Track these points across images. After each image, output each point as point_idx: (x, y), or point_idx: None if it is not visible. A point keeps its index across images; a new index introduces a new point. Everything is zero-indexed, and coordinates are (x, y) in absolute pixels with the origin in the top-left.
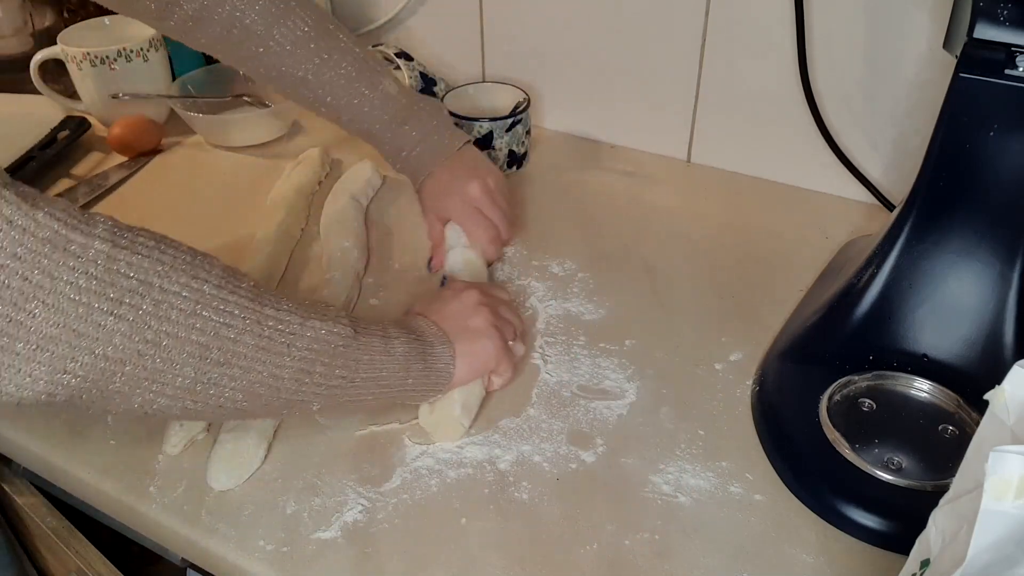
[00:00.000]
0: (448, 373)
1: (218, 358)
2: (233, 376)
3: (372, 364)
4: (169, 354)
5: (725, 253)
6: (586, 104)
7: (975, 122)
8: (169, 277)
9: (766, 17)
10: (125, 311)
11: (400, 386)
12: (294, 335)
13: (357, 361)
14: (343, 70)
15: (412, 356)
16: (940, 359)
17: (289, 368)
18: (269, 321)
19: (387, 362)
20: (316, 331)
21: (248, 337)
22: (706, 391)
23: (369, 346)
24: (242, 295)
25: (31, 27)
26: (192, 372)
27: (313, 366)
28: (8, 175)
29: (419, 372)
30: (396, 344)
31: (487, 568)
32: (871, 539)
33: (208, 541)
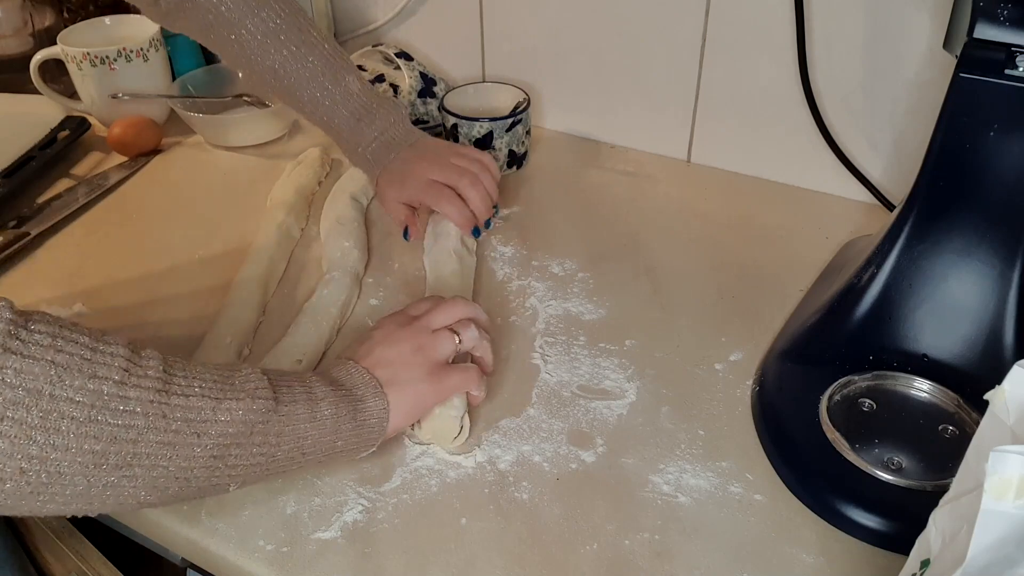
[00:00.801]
0: (381, 428)
1: (116, 462)
2: (134, 476)
3: (295, 434)
4: (58, 467)
5: (725, 253)
6: (586, 104)
7: (975, 122)
8: (62, 382)
9: (766, 17)
10: (7, 427)
11: (328, 449)
12: (206, 423)
13: (279, 436)
14: (310, 63)
15: (341, 417)
16: (940, 359)
17: (200, 458)
18: (177, 412)
19: (312, 429)
20: (232, 413)
21: (152, 435)
22: (706, 391)
23: (292, 416)
24: (146, 387)
25: (31, 27)
26: (84, 481)
27: (227, 451)
28: None
29: (349, 432)
30: (323, 407)
31: (487, 568)
32: (871, 539)
33: (208, 541)
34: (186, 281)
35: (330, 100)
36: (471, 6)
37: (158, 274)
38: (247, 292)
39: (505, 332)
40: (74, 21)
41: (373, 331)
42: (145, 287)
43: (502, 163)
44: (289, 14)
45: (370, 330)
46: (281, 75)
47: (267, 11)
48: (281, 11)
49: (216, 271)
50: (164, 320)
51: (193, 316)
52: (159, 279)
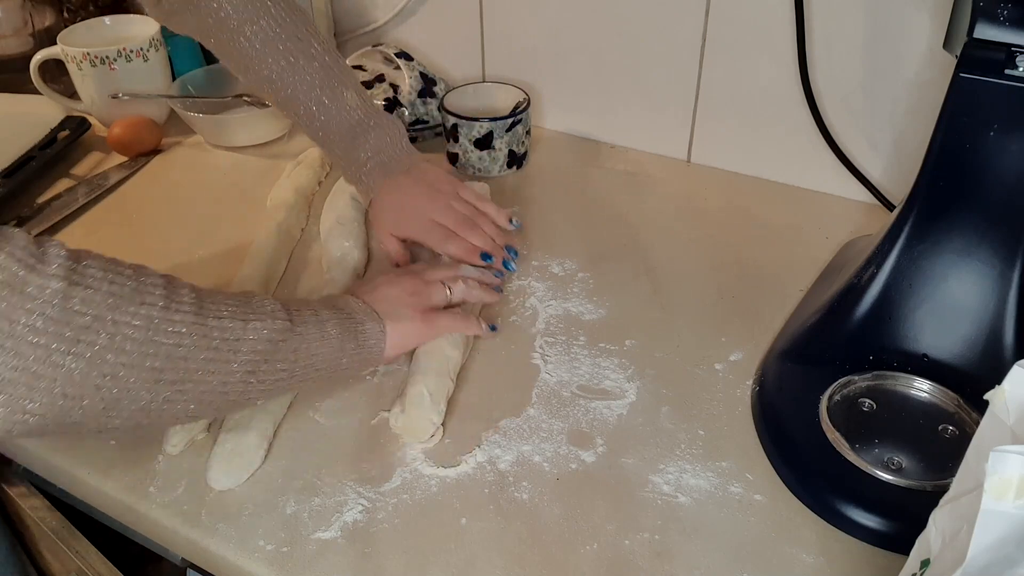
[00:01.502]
0: (379, 349)
1: (172, 378)
2: (185, 391)
3: (309, 352)
4: (126, 383)
5: (725, 253)
6: (586, 104)
7: (975, 122)
8: (120, 308)
9: (766, 17)
10: (82, 349)
11: (335, 367)
12: (239, 340)
13: (296, 351)
14: (307, 75)
15: (345, 336)
16: (940, 359)
17: (237, 373)
18: (215, 332)
19: (322, 346)
20: (258, 332)
21: (198, 352)
22: (706, 391)
23: (305, 335)
24: (186, 311)
25: (31, 27)
26: (148, 395)
27: (258, 366)
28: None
29: (352, 351)
30: (329, 327)
31: (487, 568)
32: (871, 539)
33: (208, 541)
34: (186, 280)
35: (325, 114)
36: (471, 6)
37: None
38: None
39: (505, 332)
40: (74, 21)
41: (374, 276)
42: None
43: (502, 163)
44: (290, 23)
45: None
46: (278, 85)
47: (267, 19)
48: (282, 19)
49: (216, 271)
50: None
51: None
52: None
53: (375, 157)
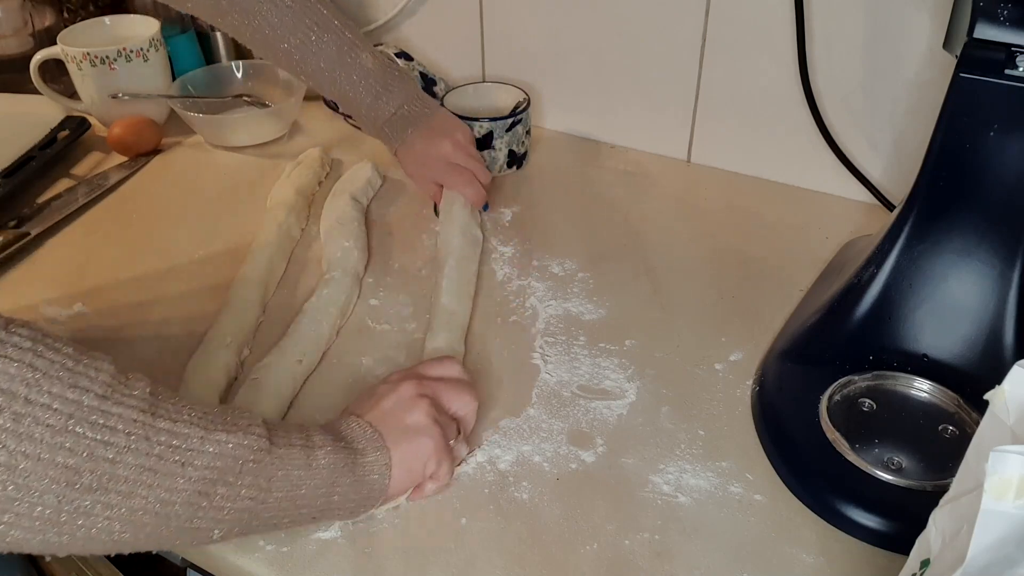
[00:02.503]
0: (382, 485)
1: (90, 483)
2: (109, 503)
3: (289, 480)
4: (26, 480)
5: (725, 253)
6: (586, 104)
7: (975, 122)
8: (39, 386)
9: (766, 17)
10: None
11: (324, 504)
12: (192, 451)
13: (270, 479)
14: (324, 44)
15: (339, 468)
16: (940, 359)
17: (183, 492)
18: (161, 436)
19: (308, 477)
20: (221, 445)
21: (131, 457)
22: (706, 391)
23: (287, 459)
24: (130, 405)
25: (31, 27)
26: (55, 500)
27: (214, 487)
28: None
29: (347, 486)
30: (320, 455)
31: (487, 568)
32: (871, 539)
33: None
34: (186, 281)
35: (346, 79)
36: (471, 6)
37: (158, 274)
38: (247, 292)
39: (505, 332)
40: (74, 21)
41: (379, 385)
42: (145, 287)
43: (502, 163)
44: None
45: (377, 384)
46: (297, 58)
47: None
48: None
49: (216, 271)
50: (164, 320)
51: (193, 316)
52: (159, 279)
53: (397, 112)
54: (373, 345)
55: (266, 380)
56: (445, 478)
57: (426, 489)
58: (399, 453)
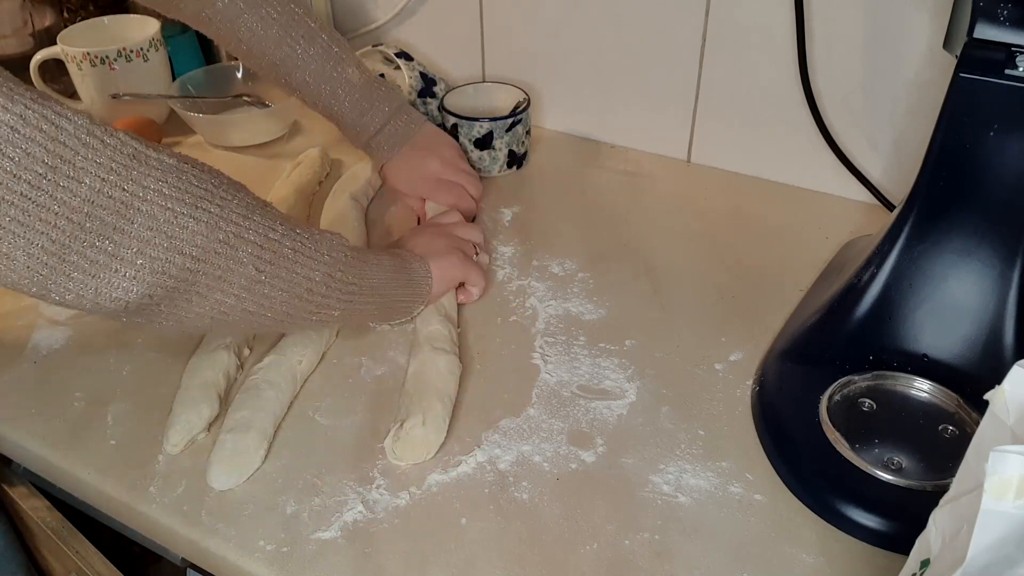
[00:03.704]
0: (428, 283)
1: (270, 258)
2: (281, 276)
3: (372, 274)
4: (236, 252)
5: (725, 253)
6: (586, 104)
7: (975, 122)
8: (223, 187)
9: (766, 17)
10: (201, 214)
11: (392, 295)
12: (316, 243)
13: (362, 270)
14: (310, 57)
15: (397, 268)
16: (940, 359)
17: (319, 272)
18: (297, 230)
19: (381, 272)
20: (330, 242)
21: (287, 241)
22: (706, 391)
23: (364, 260)
24: (270, 208)
25: (31, 27)
26: (253, 270)
27: (334, 270)
28: None
29: (405, 282)
30: (384, 259)
31: (487, 568)
32: (871, 539)
33: (208, 541)
34: None
35: (331, 94)
36: (471, 6)
37: None
38: None
39: (505, 332)
40: (74, 21)
41: (408, 234)
42: None
43: (502, 163)
44: (285, 4)
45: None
46: (282, 69)
47: (267, 7)
48: (279, 4)
49: None
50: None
51: None
52: None
53: (383, 129)
54: (373, 345)
55: (266, 380)
56: (480, 281)
57: (472, 293)
58: (434, 264)
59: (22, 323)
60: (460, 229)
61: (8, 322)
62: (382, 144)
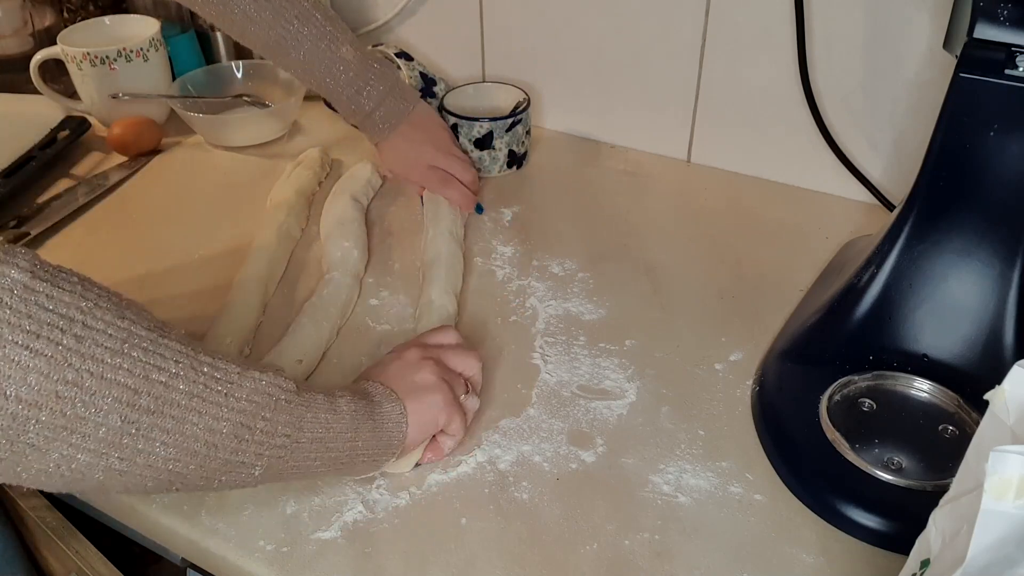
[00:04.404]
0: (400, 432)
1: (148, 405)
2: (165, 428)
3: (318, 422)
4: (92, 397)
5: (725, 253)
6: (586, 104)
7: (975, 122)
8: (93, 314)
9: (766, 17)
10: (42, 346)
11: (349, 449)
12: (232, 384)
13: (301, 418)
14: (304, 36)
15: (360, 415)
16: (940, 359)
17: (228, 421)
18: (204, 367)
19: (333, 421)
20: (256, 382)
21: (181, 383)
22: (706, 391)
23: (313, 403)
24: (174, 340)
25: (31, 27)
26: (118, 420)
27: (254, 420)
28: None
29: (368, 432)
30: (341, 403)
31: (487, 568)
32: (871, 539)
33: (208, 541)
34: (186, 281)
35: (327, 72)
36: (471, 6)
37: (158, 274)
38: (247, 292)
39: (505, 332)
40: (74, 21)
41: (387, 355)
42: (145, 287)
43: (502, 163)
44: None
45: (384, 355)
46: (276, 49)
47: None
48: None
49: (216, 271)
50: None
51: (193, 316)
52: (159, 279)
53: (379, 108)
54: (373, 345)
55: None
56: (459, 432)
57: (444, 446)
58: (412, 406)
59: None
60: (453, 357)
61: None
62: (377, 123)
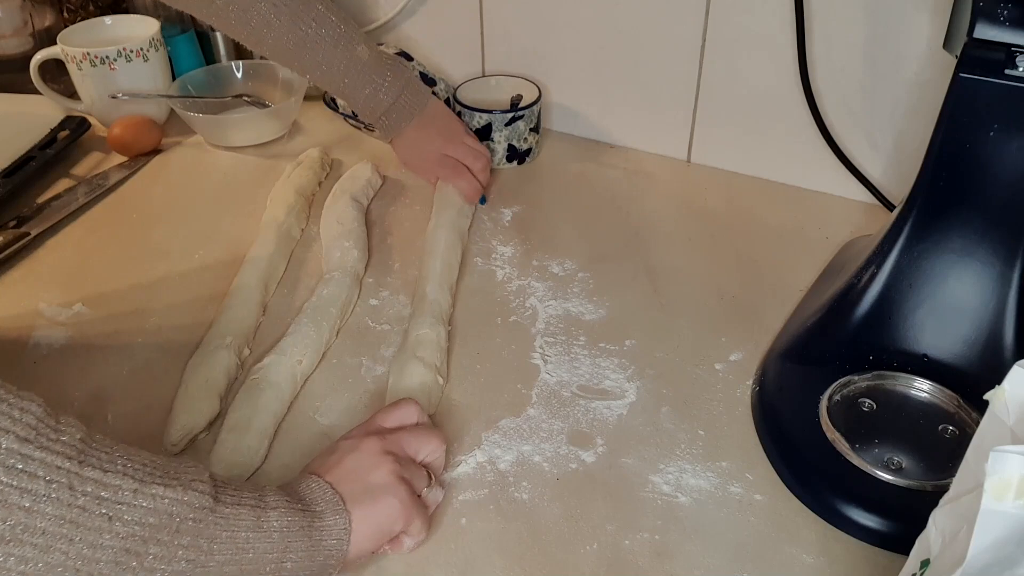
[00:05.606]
0: (340, 551)
1: (2, 533)
2: (24, 557)
3: (235, 543)
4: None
5: (725, 253)
6: (586, 104)
7: (975, 122)
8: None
9: (766, 17)
10: None
11: (274, 571)
12: (122, 505)
13: (211, 539)
14: (320, 37)
15: (294, 532)
16: (940, 359)
17: (108, 549)
18: (87, 486)
19: (257, 540)
20: (155, 500)
21: (50, 507)
22: (706, 391)
23: (233, 520)
24: (55, 451)
25: (31, 27)
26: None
27: (145, 546)
28: None
29: (302, 552)
30: (272, 516)
31: (487, 568)
32: (871, 539)
33: None
34: (186, 281)
35: (344, 73)
36: (471, 6)
37: (158, 274)
38: (247, 292)
39: (505, 332)
40: (74, 21)
41: (340, 441)
42: (145, 287)
43: (500, 156)
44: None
45: (337, 440)
46: (292, 51)
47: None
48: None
49: (215, 272)
50: (164, 320)
51: (193, 316)
52: (159, 279)
53: (395, 104)
54: (373, 345)
55: (266, 380)
56: (420, 534)
57: (404, 545)
58: (361, 514)
59: (22, 323)
60: (414, 441)
61: (8, 322)
62: (393, 117)
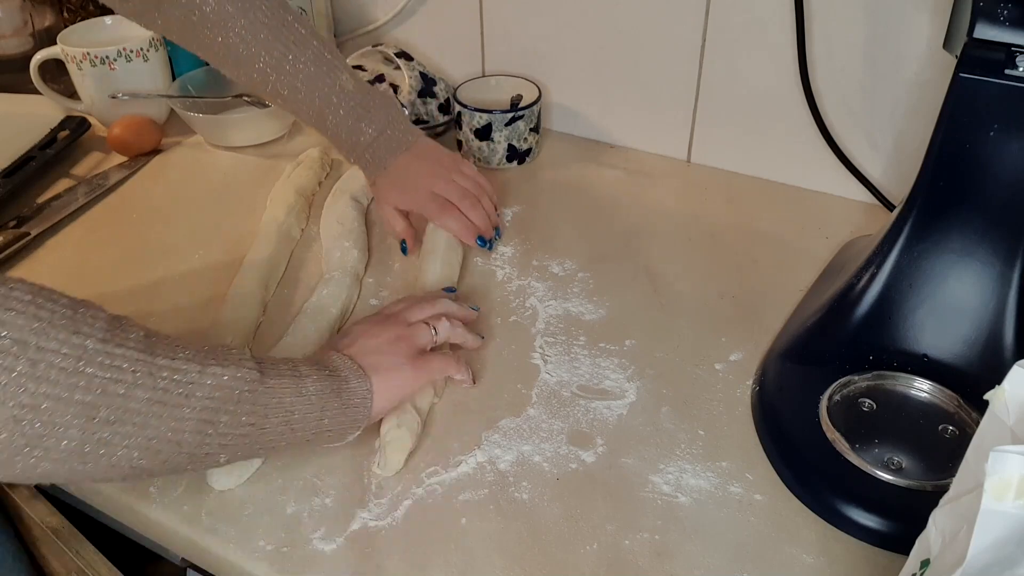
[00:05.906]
0: (365, 409)
1: (107, 416)
2: (127, 434)
3: (282, 407)
4: (51, 417)
5: (725, 253)
6: (586, 104)
7: (975, 122)
8: (47, 334)
9: (766, 17)
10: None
11: (315, 427)
12: (193, 384)
13: (266, 406)
14: (301, 65)
15: (326, 394)
16: (940, 359)
17: (190, 420)
18: (163, 372)
19: (299, 403)
20: (217, 378)
21: (140, 391)
22: (706, 391)
23: (278, 389)
24: (130, 347)
25: (31, 27)
26: (78, 434)
27: (217, 416)
28: None
29: (335, 409)
30: (308, 383)
31: (487, 568)
32: (871, 539)
33: (208, 541)
34: (186, 282)
35: (325, 101)
36: (471, 6)
37: (158, 274)
38: (247, 292)
39: (505, 332)
40: (74, 21)
41: (352, 327)
42: (145, 287)
43: (500, 156)
44: (275, 11)
45: (349, 326)
46: (271, 78)
47: (256, 12)
48: (267, 8)
49: (216, 271)
50: (164, 320)
51: (193, 316)
52: (159, 279)
53: (379, 138)
54: None
55: None
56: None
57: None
58: (379, 381)
59: None
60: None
61: None
62: (377, 152)
